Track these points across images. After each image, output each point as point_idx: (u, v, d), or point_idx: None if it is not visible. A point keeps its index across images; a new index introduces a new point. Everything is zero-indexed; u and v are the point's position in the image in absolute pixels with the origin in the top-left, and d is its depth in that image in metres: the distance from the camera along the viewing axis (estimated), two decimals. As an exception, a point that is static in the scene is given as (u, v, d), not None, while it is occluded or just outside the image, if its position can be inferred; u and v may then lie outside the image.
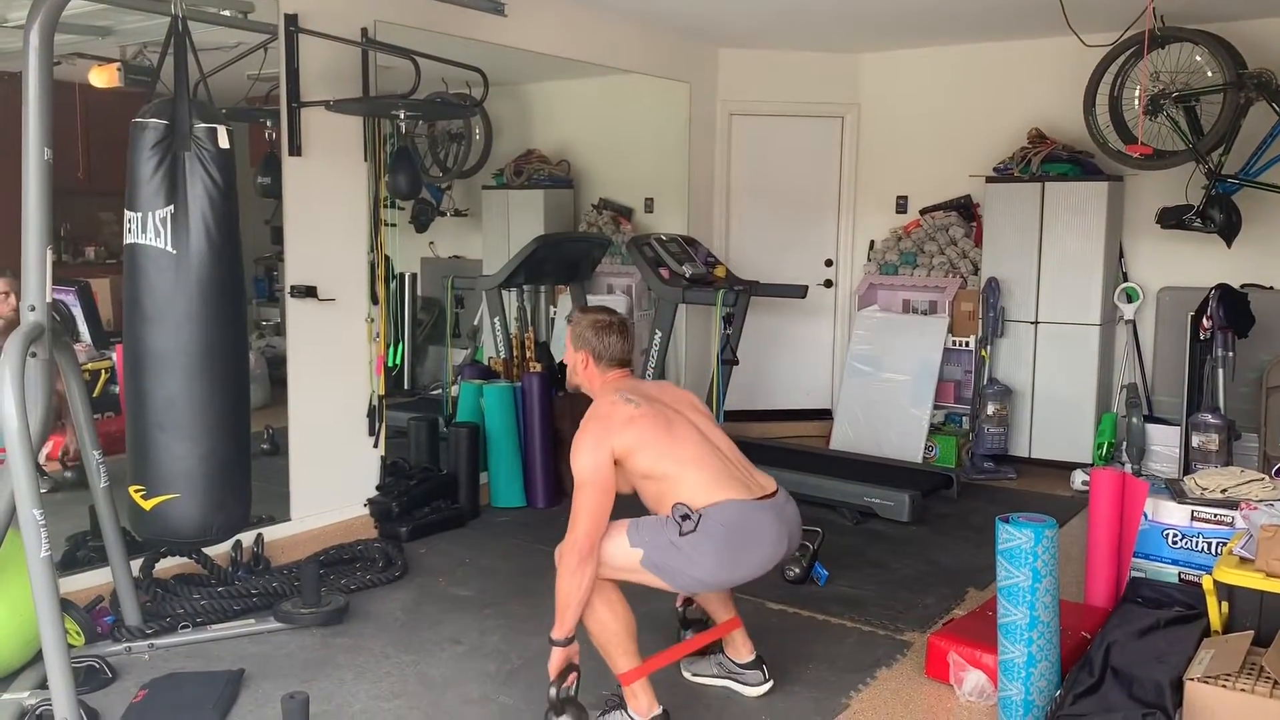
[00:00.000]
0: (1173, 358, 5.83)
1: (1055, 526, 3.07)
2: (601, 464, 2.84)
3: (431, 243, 7.88)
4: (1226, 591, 3.17)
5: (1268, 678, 2.82)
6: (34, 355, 2.95)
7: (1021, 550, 3.02)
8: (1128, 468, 5.65)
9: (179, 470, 3.02)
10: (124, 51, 4.95)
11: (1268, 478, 3.72)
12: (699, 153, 6.86)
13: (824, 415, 7.08)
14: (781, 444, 6.37)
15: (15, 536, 3.09)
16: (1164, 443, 5.73)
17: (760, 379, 7.20)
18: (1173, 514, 3.68)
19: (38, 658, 3.30)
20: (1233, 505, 3.54)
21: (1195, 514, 3.63)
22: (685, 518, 2.85)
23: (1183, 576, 3.62)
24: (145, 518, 3.07)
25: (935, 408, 6.43)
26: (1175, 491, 3.75)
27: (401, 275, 7.84)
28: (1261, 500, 3.54)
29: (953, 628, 3.55)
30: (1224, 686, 2.81)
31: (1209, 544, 3.59)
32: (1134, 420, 5.76)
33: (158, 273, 2.96)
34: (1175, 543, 3.67)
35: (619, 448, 2.87)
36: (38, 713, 2.98)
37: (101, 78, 4.67)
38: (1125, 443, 5.80)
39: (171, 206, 2.94)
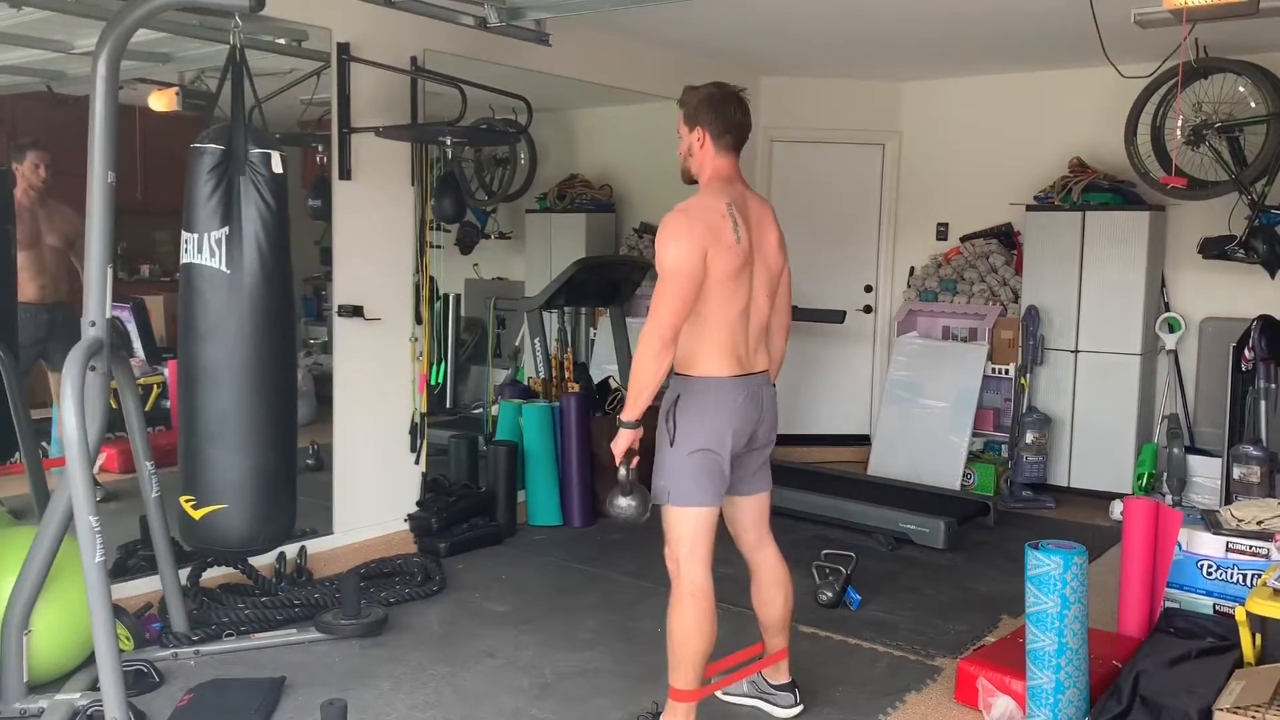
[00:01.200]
0: (1215, 389, 5.79)
1: (1084, 554, 3.08)
2: (695, 258, 2.79)
3: (476, 264, 8.03)
4: (1260, 623, 3.17)
5: (1298, 710, 2.81)
6: (93, 369, 3.07)
7: (1050, 576, 3.04)
8: (1168, 499, 5.61)
9: (228, 482, 3.13)
10: (182, 77, 5.15)
11: (1304, 510, 3.70)
12: (739, 179, 6.92)
13: (862, 441, 7.09)
14: (818, 469, 6.40)
15: (68, 543, 3.22)
16: (1205, 474, 5.68)
17: (799, 404, 7.23)
18: (1207, 545, 3.67)
19: (88, 661, 3.43)
20: (1268, 537, 3.54)
21: (1230, 545, 3.63)
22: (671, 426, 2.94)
23: (1217, 608, 3.62)
24: (195, 527, 3.18)
25: (974, 435, 6.43)
26: (1210, 522, 3.74)
27: (445, 296, 8.01)
28: (1298, 532, 3.53)
29: (983, 653, 3.57)
30: (1253, 717, 2.82)
31: (1244, 575, 3.58)
32: (1175, 451, 5.71)
33: (212, 291, 3.09)
34: (1210, 574, 3.66)
35: (708, 261, 2.82)
36: (89, 713, 3.09)
37: (160, 102, 4.86)
38: (1166, 473, 5.76)
39: (226, 228, 3.07)
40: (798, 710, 3.34)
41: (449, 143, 4.43)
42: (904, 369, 6.66)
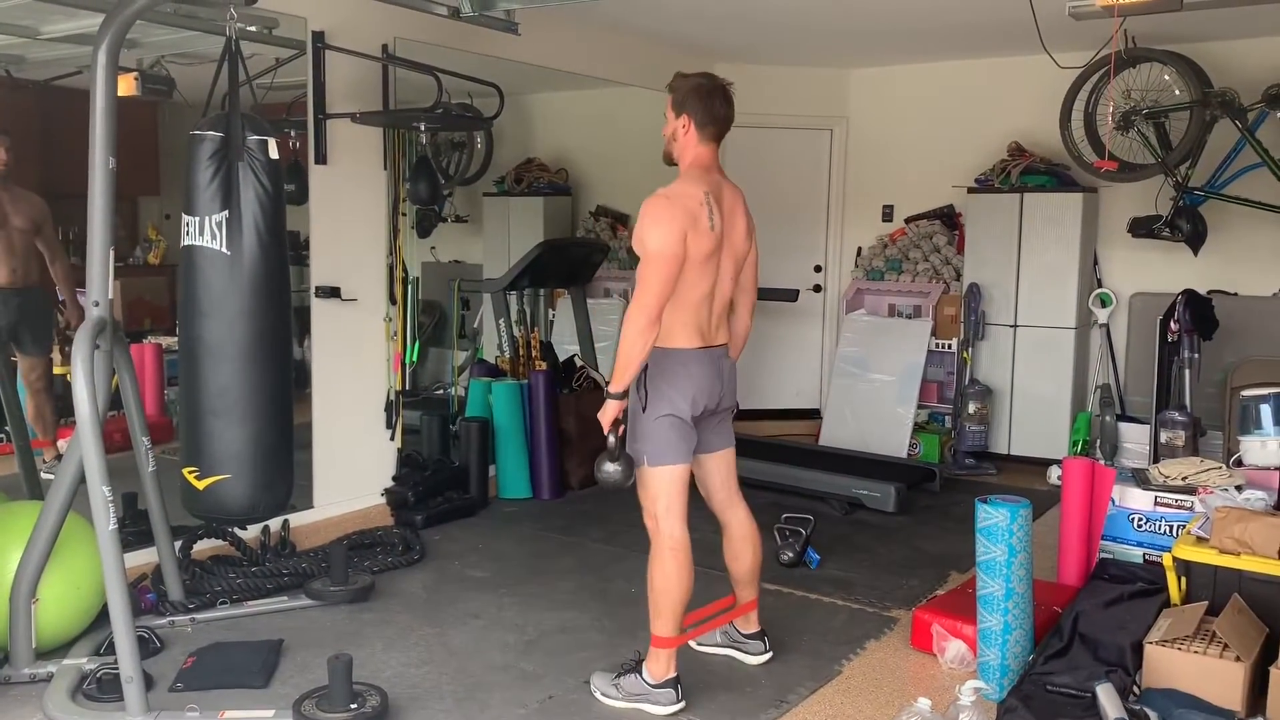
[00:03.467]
0: (1144, 360, 6.16)
1: (1029, 507, 3.37)
2: (677, 241, 3.01)
3: (433, 247, 8.14)
4: (1185, 568, 3.48)
5: (1218, 641, 3.13)
6: (99, 347, 3.21)
7: (998, 528, 3.32)
8: (1104, 464, 5.96)
9: (230, 453, 3.29)
10: (140, 62, 5.22)
11: (1224, 466, 4.04)
12: (693, 162, 7.14)
13: (813, 415, 7.38)
14: (774, 441, 6.67)
15: (71, 516, 3.36)
16: (1135, 440, 6.04)
17: (752, 380, 7.49)
18: (1138, 500, 4.00)
19: (90, 628, 3.58)
20: (1192, 491, 3.86)
21: (1158, 499, 3.95)
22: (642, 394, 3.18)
23: (1147, 557, 3.94)
24: (199, 497, 3.34)
25: (919, 407, 6.75)
26: (1140, 480, 4.07)
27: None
28: (1218, 486, 3.86)
29: (936, 603, 3.86)
30: (1179, 649, 3.13)
31: (1171, 527, 3.91)
32: (1107, 419, 6.07)
33: (213, 271, 3.24)
34: (1140, 526, 3.99)
35: (686, 245, 3.04)
36: (98, 676, 3.24)
37: (120, 87, 4.94)
38: (1099, 440, 6.12)
39: (226, 211, 3.22)
40: (767, 657, 3.59)
41: (423, 128, 4.57)
42: (852, 345, 6.96)
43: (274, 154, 3.27)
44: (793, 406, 7.55)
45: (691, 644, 3.64)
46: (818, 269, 7.52)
